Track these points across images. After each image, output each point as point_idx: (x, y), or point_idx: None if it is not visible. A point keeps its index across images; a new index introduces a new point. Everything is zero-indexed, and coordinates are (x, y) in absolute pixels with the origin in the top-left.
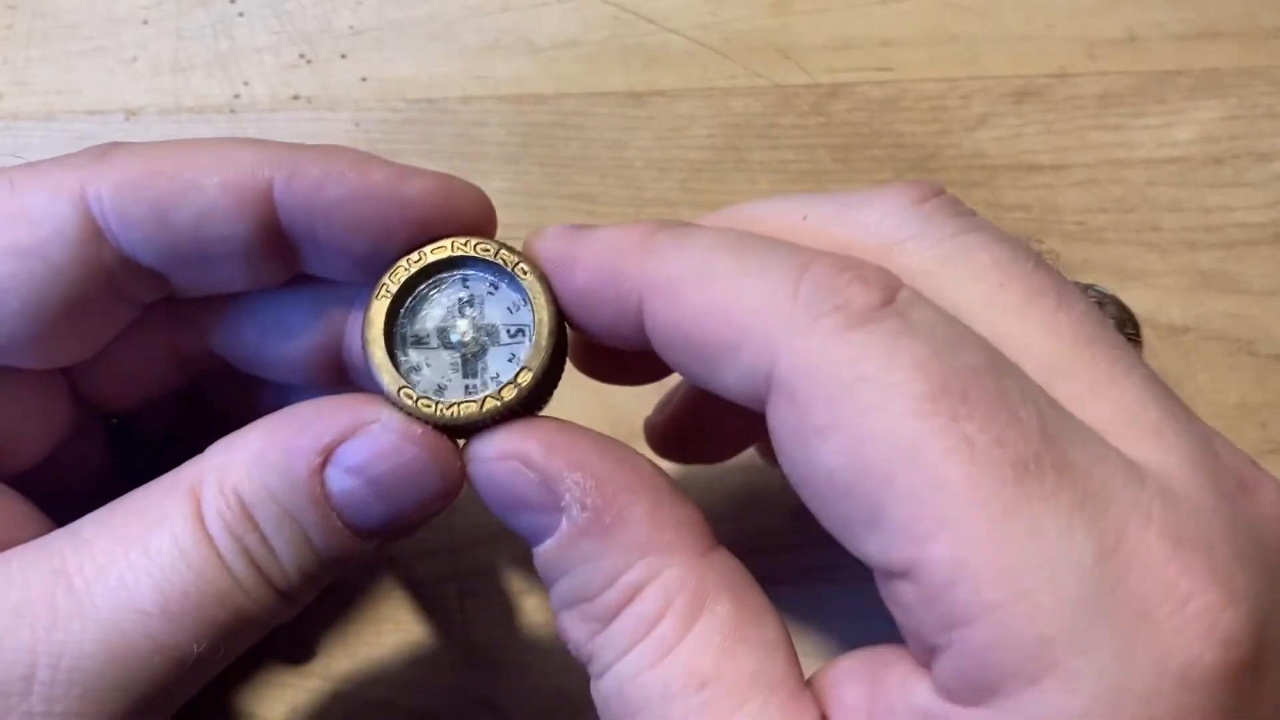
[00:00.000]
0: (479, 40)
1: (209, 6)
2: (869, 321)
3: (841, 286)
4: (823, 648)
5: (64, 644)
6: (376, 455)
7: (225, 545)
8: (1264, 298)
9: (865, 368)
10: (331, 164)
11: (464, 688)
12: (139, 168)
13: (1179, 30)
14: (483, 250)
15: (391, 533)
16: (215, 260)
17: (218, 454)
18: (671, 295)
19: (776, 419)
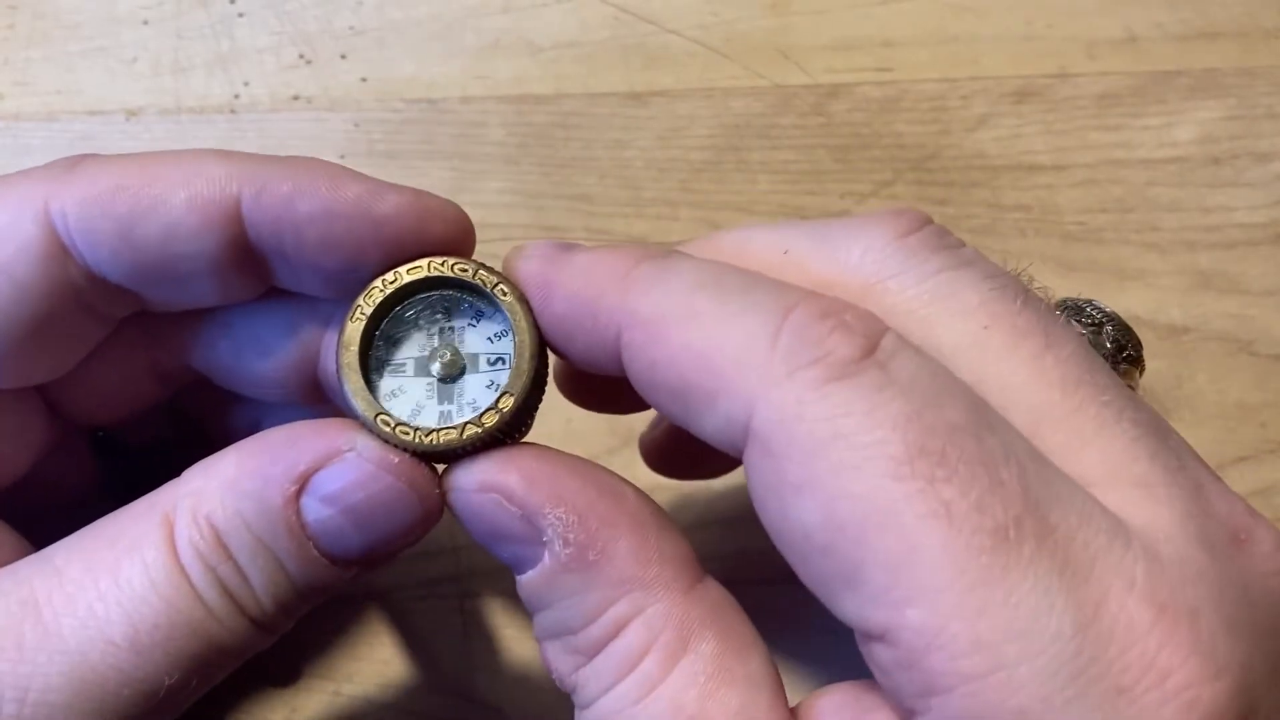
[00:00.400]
0: (479, 40)
1: (209, 7)
2: (849, 375)
3: (823, 336)
4: (823, 650)
5: (30, 676)
6: (352, 484)
7: (198, 575)
8: (1263, 297)
9: (843, 424)
10: (302, 179)
11: (464, 689)
12: (104, 183)
13: (1179, 31)
14: (460, 270)
15: (370, 561)
16: (183, 276)
17: (193, 479)
18: (650, 333)
19: (753, 470)
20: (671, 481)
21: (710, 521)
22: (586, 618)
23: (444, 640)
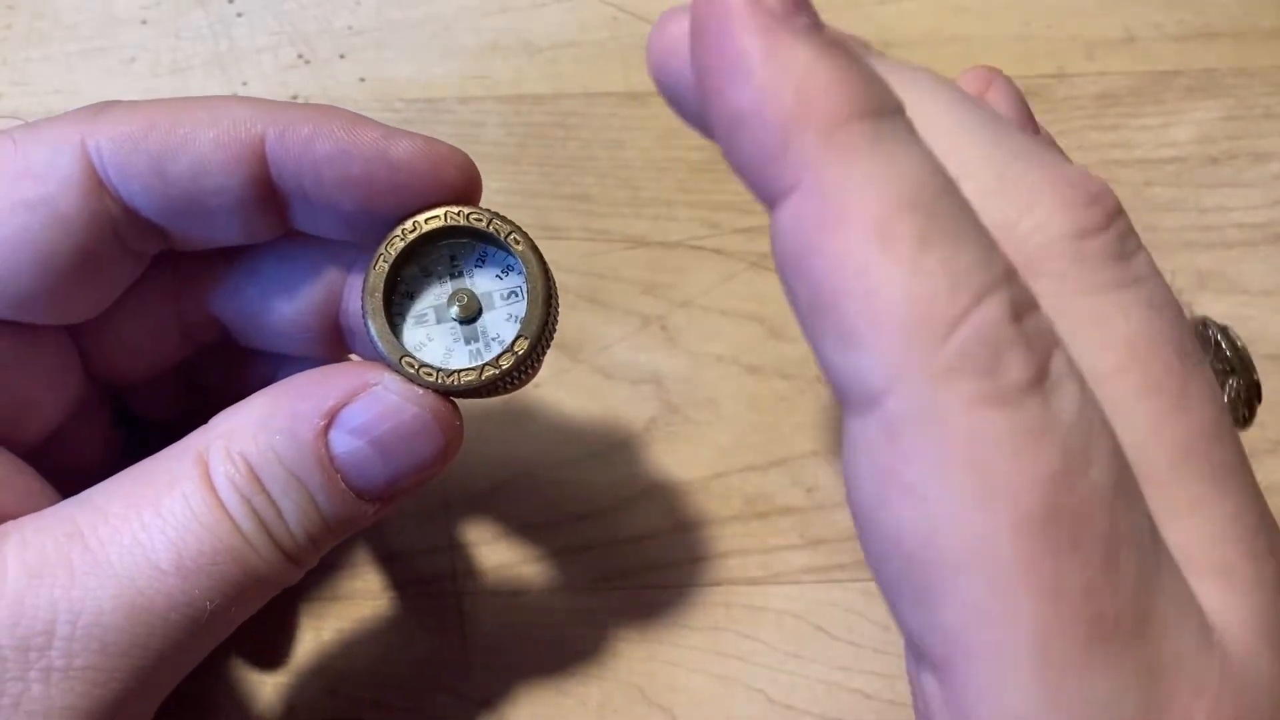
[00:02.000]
0: (477, 40)
1: (208, 7)
2: (1011, 403)
3: (1004, 346)
4: (820, 648)
5: (83, 600)
6: (379, 415)
7: (235, 506)
8: (1262, 298)
9: (986, 455)
10: (322, 122)
11: (462, 687)
12: (137, 122)
13: (1177, 31)
14: (475, 220)
15: (392, 494)
16: (210, 212)
17: (224, 421)
18: (828, 219)
19: (864, 443)
20: (669, 482)
21: (708, 520)
22: None
23: (442, 640)
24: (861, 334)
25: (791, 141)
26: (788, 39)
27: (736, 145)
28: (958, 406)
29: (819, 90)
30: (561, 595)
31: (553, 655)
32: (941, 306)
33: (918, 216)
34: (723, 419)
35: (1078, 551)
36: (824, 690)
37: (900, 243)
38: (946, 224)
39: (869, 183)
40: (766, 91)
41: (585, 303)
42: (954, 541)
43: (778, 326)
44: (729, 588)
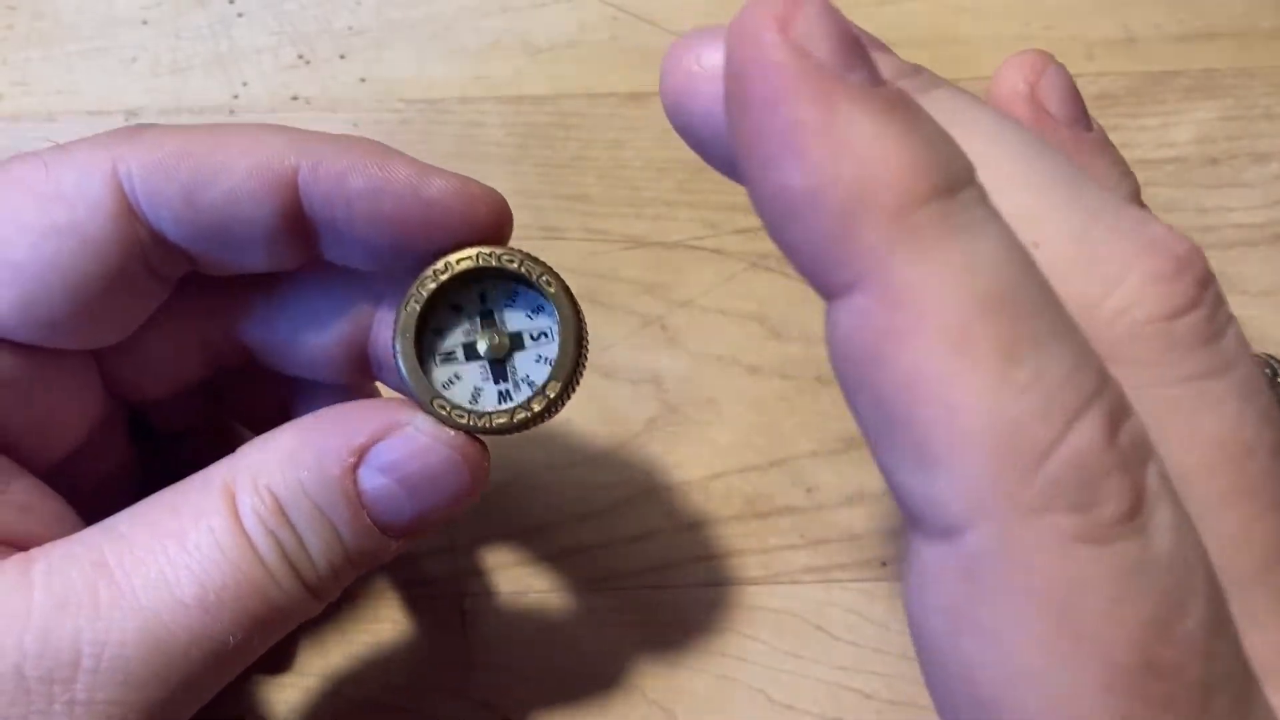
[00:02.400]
0: (477, 41)
1: (208, 7)
2: (1106, 540)
3: (1099, 476)
4: (820, 648)
5: (107, 633)
6: (409, 455)
7: (260, 540)
8: (1261, 298)
9: (1076, 601)
10: (356, 157)
11: (464, 688)
12: (170, 148)
13: (1177, 31)
14: (508, 261)
15: (416, 530)
16: (239, 240)
17: (251, 453)
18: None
19: (936, 577)
20: (669, 482)
21: (708, 520)
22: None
23: (443, 640)
24: (940, 458)
25: (853, 231)
26: (845, 105)
27: (786, 229)
28: (1048, 546)
29: (885, 169)
30: (562, 595)
31: (553, 655)
32: (1034, 430)
33: (1003, 320)
34: (723, 419)
35: (1171, 707)
36: (824, 690)
37: (985, 354)
38: (1034, 326)
39: (945, 279)
40: (823, 172)
41: (585, 303)
42: (1033, 694)
43: (778, 326)
44: (729, 588)
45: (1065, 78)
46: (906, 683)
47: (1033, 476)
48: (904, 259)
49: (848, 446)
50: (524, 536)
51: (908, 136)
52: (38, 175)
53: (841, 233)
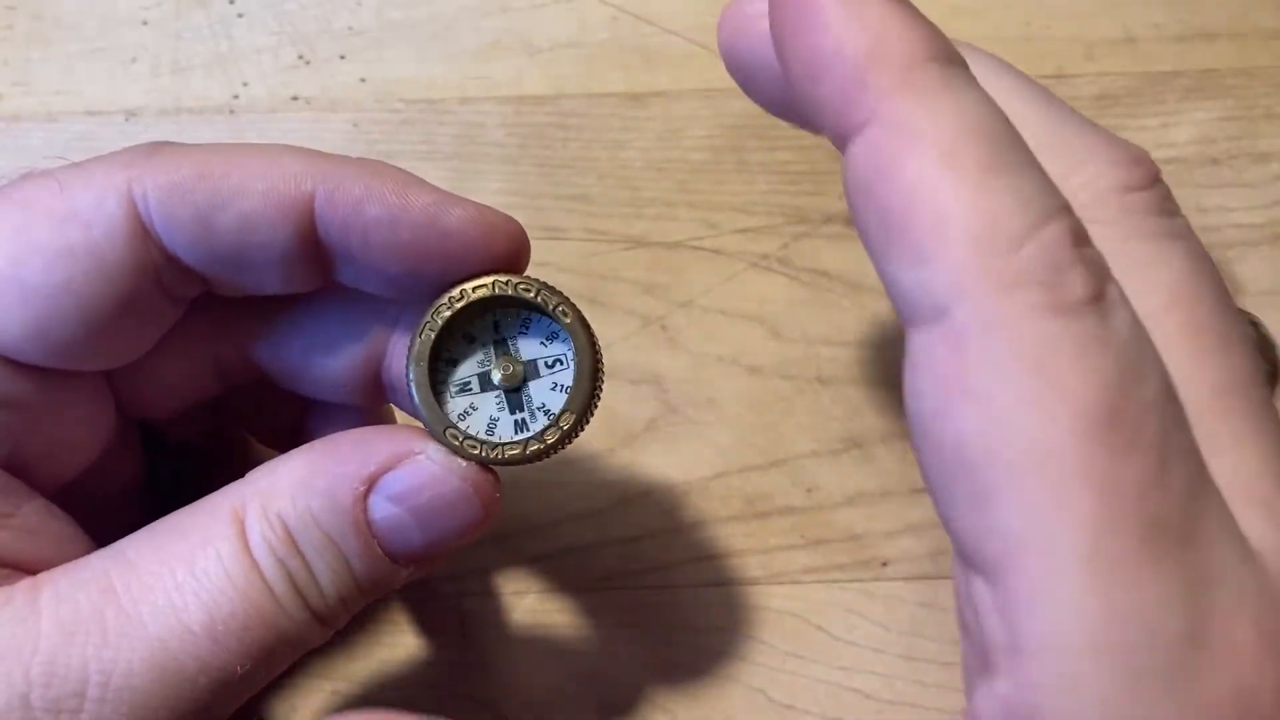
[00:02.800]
0: (478, 41)
1: (208, 7)
2: (1073, 313)
3: (1065, 264)
4: (820, 648)
5: (114, 661)
6: (420, 485)
7: (269, 568)
8: (1261, 298)
9: (1049, 360)
10: (374, 184)
11: (463, 688)
12: (185, 170)
13: (1177, 31)
14: (524, 290)
15: (426, 559)
16: (253, 263)
17: (261, 478)
18: (901, 147)
19: (927, 353)
20: (669, 482)
21: (708, 520)
22: None
23: (443, 640)
24: (931, 249)
25: (868, 79)
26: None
27: (815, 87)
28: (1023, 314)
29: (894, 34)
30: (562, 595)
31: (553, 655)
32: (1009, 223)
33: (984, 145)
34: (723, 419)
35: (1133, 453)
36: (824, 690)
37: (969, 165)
38: (1011, 154)
39: (940, 115)
40: (845, 36)
41: (585, 303)
42: (1015, 440)
43: (778, 326)
44: (728, 588)
45: None
46: (906, 683)
47: (1009, 257)
48: (908, 99)
49: (848, 446)
50: (524, 536)
51: (912, 17)
52: (52, 195)
53: (860, 80)
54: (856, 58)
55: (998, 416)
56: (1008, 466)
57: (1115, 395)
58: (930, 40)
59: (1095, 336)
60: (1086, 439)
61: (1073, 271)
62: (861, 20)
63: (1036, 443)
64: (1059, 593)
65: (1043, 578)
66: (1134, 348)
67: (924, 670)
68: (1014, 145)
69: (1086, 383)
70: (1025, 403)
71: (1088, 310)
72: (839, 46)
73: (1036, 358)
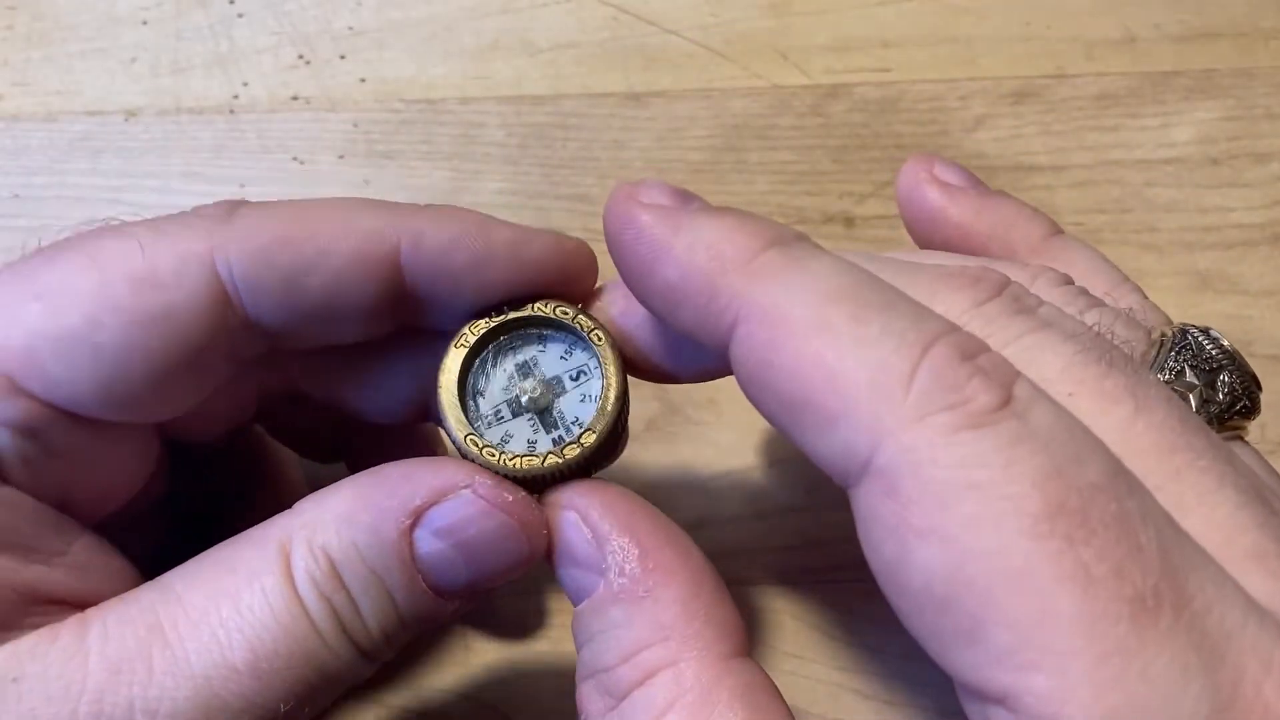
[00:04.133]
0: (478, 41)
1: (208, 7)
2: (986, 424)
3: (962, 380)
4: (820, 648)
5: (160, 700)
6: (466, 519)
7: (314, 605)
8: (1261, 298)
9: (979, 475)
10: (456, 230)
11: (464, 689)
12: (269, 233)
13: (1177, 31)
14: (561, 314)
15: (473, 594)
16: (339, 321)
17: (307, 510)
18: (774, 334)
19: (870, 508)
20: (669, 482)
21: (708, 520)
22: (622, 655)
23: (443, 640)
24: (834, 413)
25: (718, 287)
26: (687, 219)
27: (679, 313)
28: (938, 441)
29: (725, 241)
30: (562, 596)
31: (553, 655)
32: (894, 362)
33: (846, 301)
34: (723, 419)
35: (1094, 538)
36: (824, 690)
37: (839, 324)
38: (875, 299)
39: (794, 290)
40: (686, 259)
41: None
42: (979, 565)
43: None
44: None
45: (953, 163)
46: (906, 683)
47: (905, 394)
48: (761, 289)
49: None
50: None
51: (739, 219)
52: (133, 256)
53: (712, 292)
54: (701, 272)
55: (954, 546)
56: (982, 593)
57: (1055, 489)
58: (762, 232)
59: (1015, 437)
60: (1042, 539)
61: (971, 384)
62: (694, 239)
63: (998, 560)
64: (1076, 700)
65: (1055, 691)
66: (1061, 435)
67: (924, 670)
68: (875, 288)
69: (1020, 485)
70: (972, 524)
71: (1000, 415)
72: (684, 274)
73: (966, 478)
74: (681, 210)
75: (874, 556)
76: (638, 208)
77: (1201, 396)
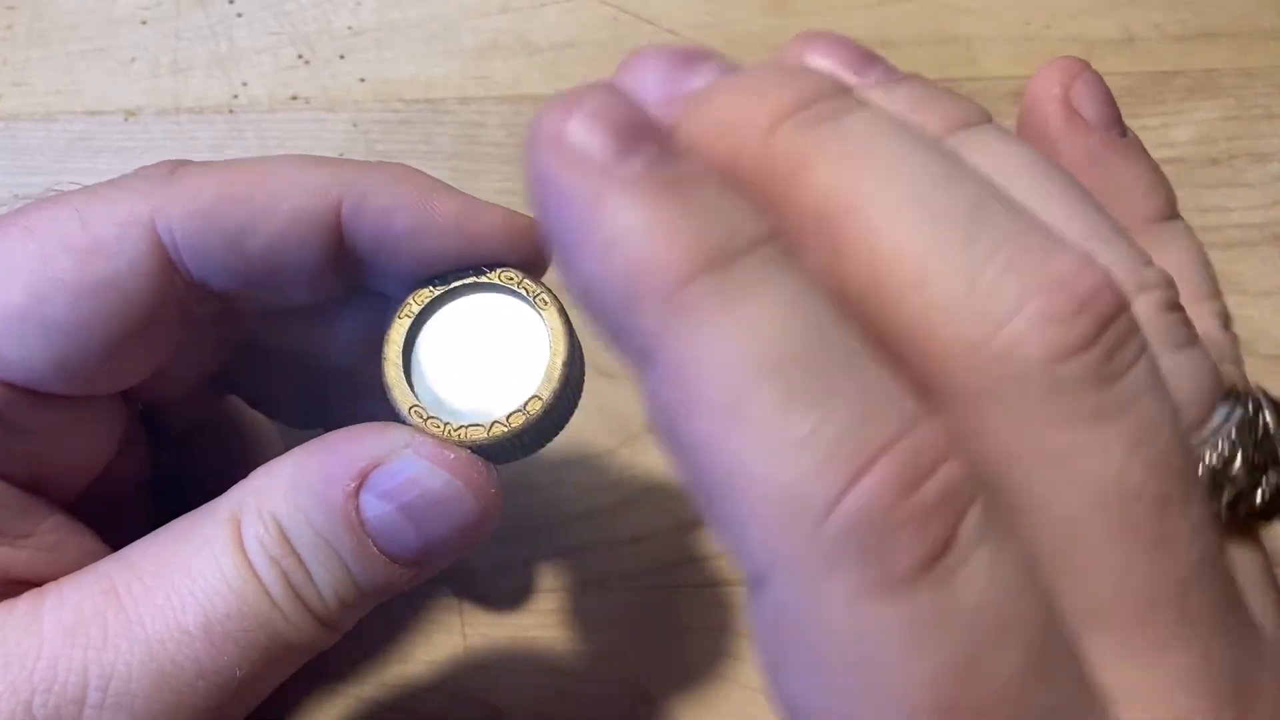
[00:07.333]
0: (477, 41)
1: (208, 7)
2: (901, 594)
3: (890, 531)
4: None
5: (113, 665)
6: (408, 480)
7: (264, 570)
8: (1261, 298)
9: (873, 653)
10: (399, 192)
11: (464, 688)
12: (209, 194)
13: (1177, 31)
14: (506, 279)
15: (428, 560)
16: (282, 282)
17: (257, 479)
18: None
19: (755, 615)
20: (669, 483)
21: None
22: None
23: (442, 640)
24: (735, 517)
25: (633, 313)
26: (611, 200)
27: (591, 314)
28: (840, 601)
29: (651, 255)
30: (562, 595)
31: (553, 656)
32: (812, 487)
33: (776, 381)
34: None
35: None
36: None
37: (758, 417)
38: (815, 381)
39: (715, 350)
40: (599, 266)
41: None
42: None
43: None
44: (729, 588)
45: (1100, 84)
46: None
47: (815, 534)
48: (677, 336)
49: None
50: (524, 536)
51: (675, 220)
52: (72, 226)
53: (625, 315)
54: (616, 285)
55: (823, 706)
56: None
57: (955, 687)
58: (697, 240)
59: (931, 616)
60: None
61: (899, 536)
62: (612, 240)
63: None
64: None
65: None
66: (986, 617)
67: None
68: (824, 353)
69: (918, 679)
70: (848, 698)
71: (921, 583)
72: (596, 274)
73: (857, 653)
74: (612, 173)
75: (757, 651)
76: (559, 158)
77: (1236, 491)
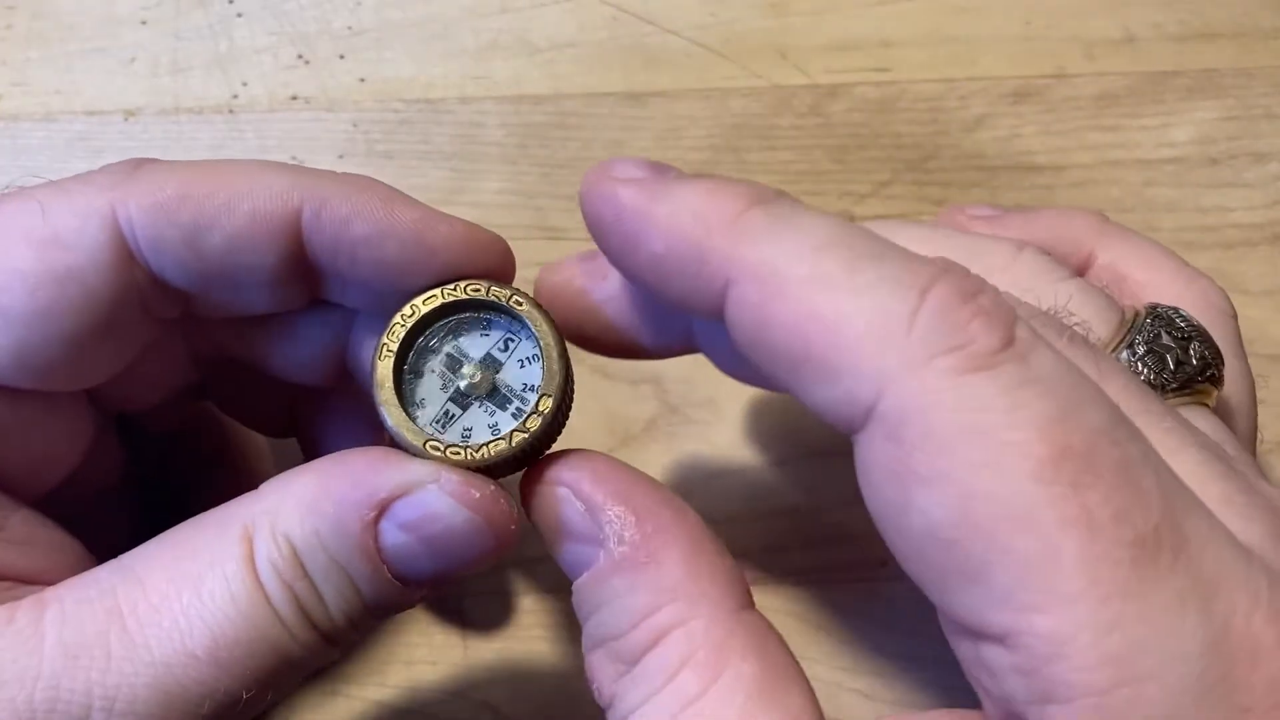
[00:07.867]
0: (477, 41)
1: (207, 7)
2: (989, 366)
3: (963, 321)
4: (820, 648)
5: (118, 687)
6: (431, 515)
7: (275, 592)
8: (1261, 298)
9: (984, 419)
10: (360, 200)
11: (464, 688)
12: (170, 190)
13: (1177, 31)
14: (473, 291)
15: (440, 584)
16: (241, 285)
17: (270, 495)
18: (769, 291)
19: (872, 454)
20: (669, 483)
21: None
22: (631, 621)
23: (442, 641)
24: (837, 362)
25: (706, 251)
26: (663, 187)
27: (670, 287)
28: (941, 383)
29: (708, 204)
30: (562, 596)
31: (553, 656)
32: (893, 305)
33: (837, 251)
34: (723, 419)
35: (1098, 482)
36: (824, 690)
37: (833, 274)
38: (866, 247)
39: (782, 246)
40: (669, 227)
41: None
42: (983, 508)
43: None
44: None
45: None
46: (906, 683)
47: (907, 338)
48: (749, 247)
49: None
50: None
51: (718, 183)
52: (33, 218)
53: (700, 256)
54: (687, 239)
55: (958, 490)
56: (985, 536)
57: (1059, 433)
58: (742, 193)
59: (1019, 381)
60: (1046, 483)
61: (973, 324)
62: (676, 207)
63: (1002, 503)
64: (1077, 641)
65: (1057, 632)
66: (1063, 379)
67: (924, 670)
68: (864, 237)
69: (1027, 428)
70: (976, 468)
71: (1002, 358)
72: (669, 243)
73: (971, 422)
74: (658, 180)
75: (875, 500)
76: (614, 184)
77: (1176, 358)
